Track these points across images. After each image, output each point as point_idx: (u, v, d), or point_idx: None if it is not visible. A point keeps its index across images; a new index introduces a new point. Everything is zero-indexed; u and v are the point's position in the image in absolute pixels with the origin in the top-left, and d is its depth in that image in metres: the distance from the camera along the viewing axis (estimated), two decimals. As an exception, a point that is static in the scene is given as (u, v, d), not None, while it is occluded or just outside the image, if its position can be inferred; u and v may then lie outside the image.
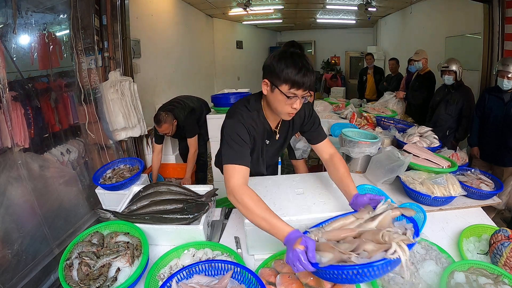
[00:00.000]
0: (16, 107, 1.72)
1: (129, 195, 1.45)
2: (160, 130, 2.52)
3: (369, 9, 5.07)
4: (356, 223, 0.92)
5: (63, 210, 2.01)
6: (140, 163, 2.04)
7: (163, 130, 2.51)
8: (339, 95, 6.09)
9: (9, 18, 1.72)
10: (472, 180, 1.67)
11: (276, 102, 1.09)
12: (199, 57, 5.77)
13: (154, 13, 4.03)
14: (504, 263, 1.03)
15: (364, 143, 1.84)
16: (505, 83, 2.20)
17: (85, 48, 2.35)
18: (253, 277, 0.97)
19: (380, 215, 0.89)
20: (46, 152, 2.02)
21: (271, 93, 1.09)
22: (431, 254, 1.11)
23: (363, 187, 1.44)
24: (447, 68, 2.64)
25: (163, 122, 2.47)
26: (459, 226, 1.34)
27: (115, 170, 2.05)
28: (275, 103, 1.10)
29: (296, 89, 1.02)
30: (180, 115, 2.63)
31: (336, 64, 9.50)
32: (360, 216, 0.93)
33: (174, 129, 2.59)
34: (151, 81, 3.84)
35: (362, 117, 2.97)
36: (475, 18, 3.39)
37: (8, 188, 1.64)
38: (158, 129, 2.53)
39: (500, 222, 2.52)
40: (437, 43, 4.47)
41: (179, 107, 2.70)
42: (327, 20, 7.43)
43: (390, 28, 6.81)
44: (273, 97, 1.08)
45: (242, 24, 7.78)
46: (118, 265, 1.07)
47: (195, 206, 1.29)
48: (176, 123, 2.59)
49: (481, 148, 2.50)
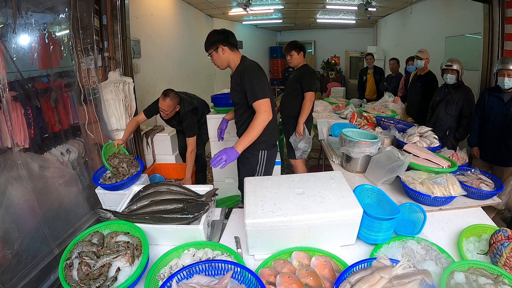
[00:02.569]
0: (16, 107, 1.72)
1: (129, 195, 1.45)
2: (162, 105, 2.44)
3: (369, 9, 5.08)
4: (382, 282, 0.92)
5: (63, 210, 2.01)
6: (140, 163, 2.04)
7: (164, 106, 2.43)
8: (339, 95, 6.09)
9: (9, 18, 1.72)
10: (472, 180, 1.67)
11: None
12: (199, 57, 5.76)
13: (154, 13, 4.03)
14: (504, 263, 1.03)
15: (364, 143, 1.84)
16: (506, 82, 2.20)
17: (85, 48, 2.35)
18: (253, 277, 0.97)
19: (411, 282, 0.92)
20: (46, 152, 2.02)
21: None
22: (431, 254, 1.11)
23: (363, 187, 1.44)
24: (450, 66, 2.64)
25: (170, 99, 2.41)
26: (459, 226, 1.34)
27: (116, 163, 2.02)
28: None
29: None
30: (186, 107, 2.60)
31: (336, 64, 9.50)
32: (384, 273, 0.94)
33: (172, 113, 2.54)
34: (151, 81, 3.84)
35: (362, 117, 2.97)
36: (475, 18, 3.38)
37: (8, 188, 1.64)
38: (161, 102, 2.44)
39: (500, 222, 2.52)
40: (437, 43, 4.47)
41: (187, 100, 2.67)
42: (327, 20, 7.43)
43: (390, 28, 6.81)
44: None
45: (242, 24, 7.78)
46: (118, 265, 1.07)
47: (195, 206, 1.29)
48: (178, 109, 2.55)
49: (481, 148, 2.50)
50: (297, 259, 1.10)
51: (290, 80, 2.88)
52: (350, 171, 1.98)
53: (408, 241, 1.19)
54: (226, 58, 1.81)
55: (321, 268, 1.06)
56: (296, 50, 2.72)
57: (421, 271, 0.95)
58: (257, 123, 1.64)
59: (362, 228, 1.21)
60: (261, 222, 1.11)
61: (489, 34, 3.07)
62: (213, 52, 1.81)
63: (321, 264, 1.07)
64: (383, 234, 1.19)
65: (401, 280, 0.92)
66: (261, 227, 1.11)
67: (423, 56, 3.30)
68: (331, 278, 1.02)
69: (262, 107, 1.66)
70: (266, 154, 1.88)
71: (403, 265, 0.97)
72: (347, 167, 2.01)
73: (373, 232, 1.19)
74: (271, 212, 1.13)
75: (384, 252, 1.12)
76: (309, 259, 1.11)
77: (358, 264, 1.02)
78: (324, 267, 1.06)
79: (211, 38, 1.81)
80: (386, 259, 1.01)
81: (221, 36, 1.79)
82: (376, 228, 1.18)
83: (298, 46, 2.75)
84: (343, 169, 2.03)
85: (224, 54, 1.80)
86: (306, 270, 1.03)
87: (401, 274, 0.95)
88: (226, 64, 1.85)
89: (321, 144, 2.73)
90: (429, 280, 0.92)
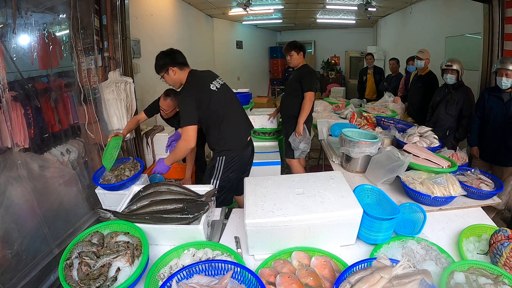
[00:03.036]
0: (16, 107, 1.72)
1: (129, 195, 1.45)
2: (163, 104, 2.42)
3: (369, 9, 5.08)
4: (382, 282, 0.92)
5: (63, 210, 2.01)
6: (140, 163, 2.03)
7: (165, 105, 2.41)
8: (339, 95, 6.09)
9: (9, 18, 1.72)
10: (472, 180, 1.67)
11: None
12: (199, 57, 5.77)
13: (154, 13, 4.03)
14: (504, 263, 1.03)
15: (364, 143, 1.84)
16: (504, 81, 2.20)
17: (85, 48, 2.35)
18: (253, 277, 0.97)
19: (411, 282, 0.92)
20: (46, 152, 2.02)
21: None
22: (431, 255, 1.11)
23: (363, 187, 1.44)
24: (450, 67, 2.63)
25: (170, 99, 2.39)
26: (459, 226, 1.34)
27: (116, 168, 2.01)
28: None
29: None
30: None
31: (336, 64, 9.50)
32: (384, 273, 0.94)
33: (172, 113, 2.51)
34: (151, 81, 3.84)
35: (362, 117, 2.97)
36: (475, 18, 3.38)
37: (8, 188, 1.64)
38: (162, 101, 2.42)
39: (500, 222, 2.52)
40: (437, 43, 4.47)
41: None
42: (327, 20, 7.43)
43: (390, 28, 6.81)
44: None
45: (242, 24, 7.78)
46: (118, 265, 1.07)
47: (195, 206, 1.29)
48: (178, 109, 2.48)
49: (481, 148, 2.50)
50: (297, 259, 1.10)
51: (290, 80, 2.88)
52: (350, 171, 1.98)
53: (408, 241, 1.19)
54: (178, 78, 1.86)
55: (321, 268, 1.06)
56: (296, 50, 2.72)
57: (421, 271, 0.95)
58: (177, 148, 1.82)
59: (362, 228, 1.21)
60: (261, 222, 1.11)
61: (489, 34, 3.07)
62: (164, 74, 1.85)
63: (321, 264, 1.07)
64: (383, 234, 1.19)
65: (401, 280, 0.92)
66: (261, 227, 1.11)
67: (423, 56, 3.29)
68: (331, 278, 1.02)
69: (184, 135, 1.76)
70: (224, 159, 1.93)
71: (403, 265, 0.97)
72: (347, 167, 2.01)
73: (373, 232, 1.19)
74: (271, 212, 1.13)
75: (384, 252, 1.12)
76: (309, 259, 1.11)
77: (358, 264, 1.02)
78: (324, 267, 1.06)
79: (159, 61, 1.85)
80: (386, 259, 1.01)
81: (168, 58, 1.82)
82: (376, 228, 1.18)
83: (298, 46, 2.75)
84: (343, 169, 2.03)
85: (175, 75, 1.84)
86: (306, 270, 1.03)
87: (401, 274, 0.95)
88: (180, 84, 1.90)
89: (321, 144, 2.73)
90: (429, 280, 0.92)
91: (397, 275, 0.95)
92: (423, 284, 0.92)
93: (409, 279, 0.92)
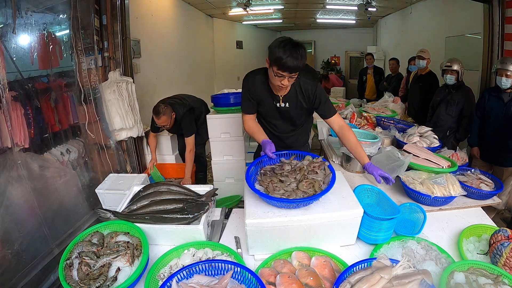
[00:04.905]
0: (16, 107, 1.72)
1: (129, 195, 1.45)
2: (159, 122, 2.53)
3: (369, 9, 5.07)
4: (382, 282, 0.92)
5: (63, 210, 2.01)
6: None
7: (161, 122, 2.52)
8: (339, 95, 6.09)
9: (9, 18, 1.72)
10: (472, 180, 1.67)
11: (270, 77, 1.42)
12: (199, 57, 5.77)
13: (154, 13, 4.03)
14: (504, 263, 1.03)
15: (364, 143, 1.84)
16: (504, 81, 2.20)
17: (85, 48, 2.34)
18: (253, 277, 0.97)
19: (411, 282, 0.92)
20: (46, 152, 2.01)
21: (269, 68, 1.39)
22: (431, 255, 1.11)
23: (363, 187, 1.44)
24: (450, 67, 2.63)
25: (162, 114, 2.49)
26: (459, 226, 1.34)
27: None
28: (269, 77, 1.43)
29: (282, 71, 1.32)
30: (179, 110, 2.65)
31: (336, 64, 9.49)
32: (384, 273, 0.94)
33: (172, 122, 2.61)
34: (151, 81, 3.84)
35: (362, 117, 2.96)
36: (475, 18, 3.38)
37: (8, 188, 1.63)
38: (156, 121, 2.54)
39: (500, 222, 2.52)
40: (437, 43, 4.47)
41: (179, 103, 2.72)
42: (327, 20, 7.42)
43: (390, 28, 6.80)
44: (269, 72, 1.41)
45: (242, 24, 7.78)
46: (118, 264, 1.07)
47: (195, 206, 1.29)
48: (174, 116, 2.62)
49: (481, 148, 2.50)
50: (297, 259, 1.10)
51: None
52: (350, 171, 1.98)
53: (408, 241, 1.19)
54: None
55: (321, 268, 1.06)
56: None
57: (421, 271, 0.96)
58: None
59: (362, 228, 1.21)
60: (261, 222, 1.11)
61: (489, 34, 3.07)
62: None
63: (321, 264, 1.07)
64: (383, 234, 1.19)
65: (401, 280, 0.92)
66: (261, 227, 1.11)
67: (425, 56, 3.30)
68: (331, 278, 1.02)
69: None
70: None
71: (403, 265, 0.98)
72: (347, 167, 2.01)
73: (373, 232, 1.19)
74: (271, 212, 1.13)
75: (384, 252, 1.12)
76: (309, 259, 1.11)
77: (358, 264, 1.02)
78: (324, 267, 1.06)
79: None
80: (386, 259, 1.01)
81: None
82: (376, 228, 1.18)
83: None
84: (343, 169, 2.03)
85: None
86: (306, 270, 1.03)
87: (401, 274, 0.95)
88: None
89: (321, 144, 2.73)
90: (429, 280, 0.92)
91: (397, 275, 0.95)
92: (423, 284, 0.92)
93: (409, 279, 0.92)
